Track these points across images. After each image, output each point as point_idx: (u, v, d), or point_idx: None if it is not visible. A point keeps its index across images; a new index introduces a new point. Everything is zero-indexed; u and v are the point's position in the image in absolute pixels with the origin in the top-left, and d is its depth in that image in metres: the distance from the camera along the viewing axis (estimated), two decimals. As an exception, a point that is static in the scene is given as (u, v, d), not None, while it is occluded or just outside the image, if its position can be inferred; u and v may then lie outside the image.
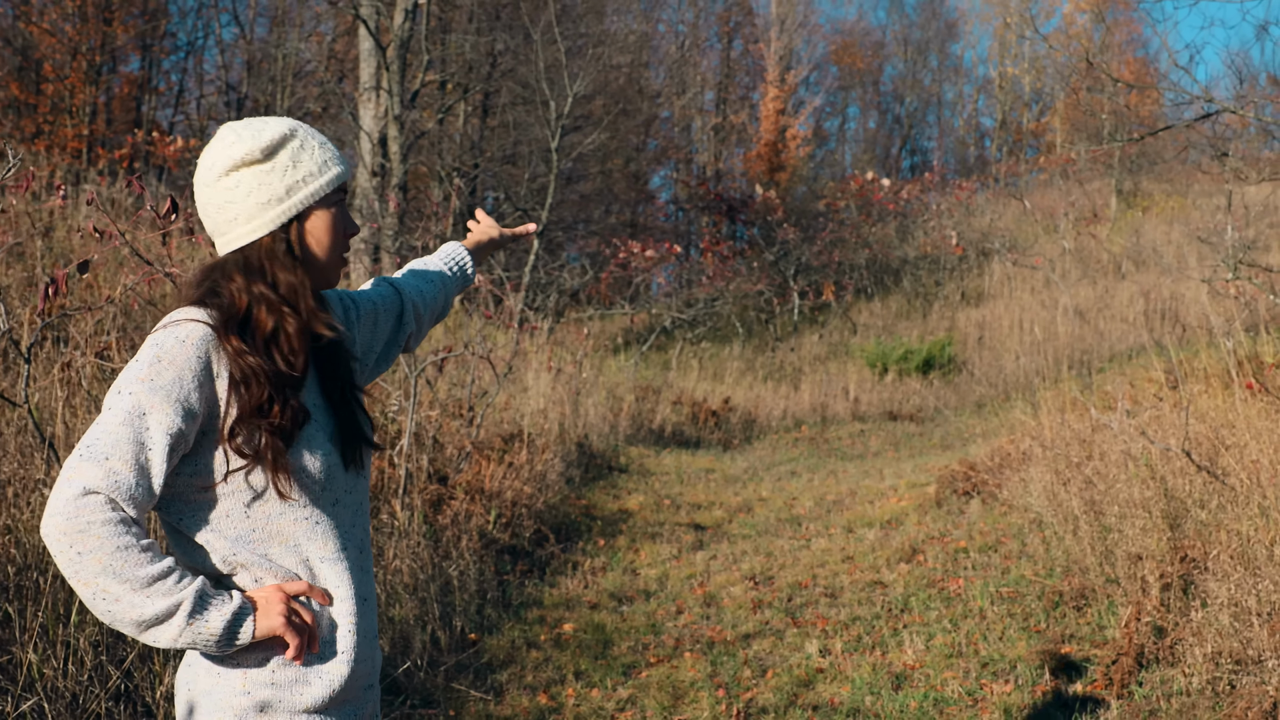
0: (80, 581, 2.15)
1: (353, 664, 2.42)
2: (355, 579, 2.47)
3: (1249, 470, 6.78)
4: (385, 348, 2.95)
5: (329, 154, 2.52)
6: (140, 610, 2.16)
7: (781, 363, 22.93)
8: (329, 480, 2.44)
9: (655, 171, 42.85)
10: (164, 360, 2.25)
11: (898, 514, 10.03)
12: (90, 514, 2.13)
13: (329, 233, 2.50)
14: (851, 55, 51.98)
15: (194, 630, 2.20)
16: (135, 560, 2.15)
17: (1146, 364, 16.78)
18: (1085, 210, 31.51)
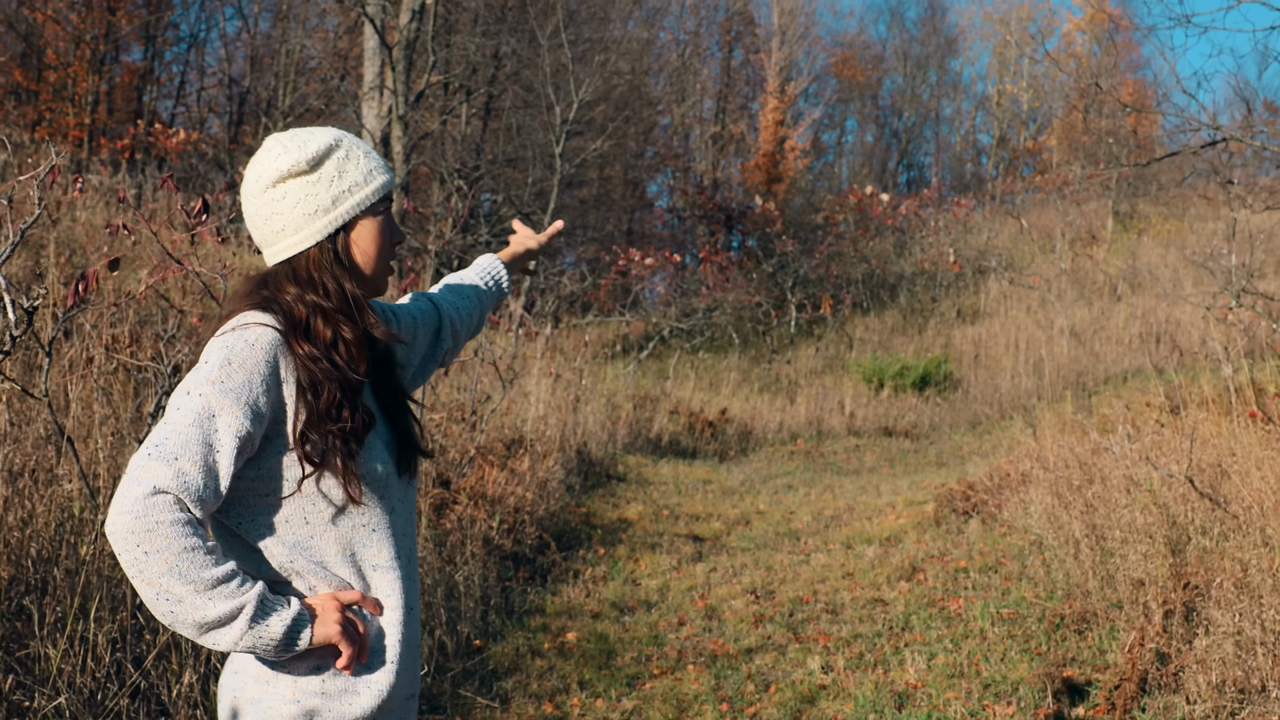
0: (144, 581, 2.15)
1: (398, 673, 2.44)
2: (404, 588, 2.49)
3: (1252, 498, 6.82)
4: (422, 362, 2.97)
5: (374, 163, 2.54)
6: (203, 612, 2.17)
7: (778, 375, 22.96)
8: (387, 487, 2.47)
9: (652, 179, 42.94)
10: (234, 363, 2.27)
11: (896, 531, 10.06)
12: (159, 513, 2.13)
13: (375, 241, 2.53)
14: (851, 68, 52.09)
15: (254, 634, 2.22)
16: (201, 562, 2.16)
17: (1142, 387, 16.85)
18: (1082, 231, 31.59)
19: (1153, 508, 7.23)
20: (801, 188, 43.08)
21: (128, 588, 4.79)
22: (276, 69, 29.26)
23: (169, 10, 31.58)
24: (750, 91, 47.07)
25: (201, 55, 34.14)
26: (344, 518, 2.40)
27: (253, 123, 29.99)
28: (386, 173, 2.56)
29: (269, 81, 29.43)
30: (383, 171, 2.55)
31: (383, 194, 2.53)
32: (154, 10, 30.50)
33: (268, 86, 29.42)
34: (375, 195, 2.52)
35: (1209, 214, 31.24)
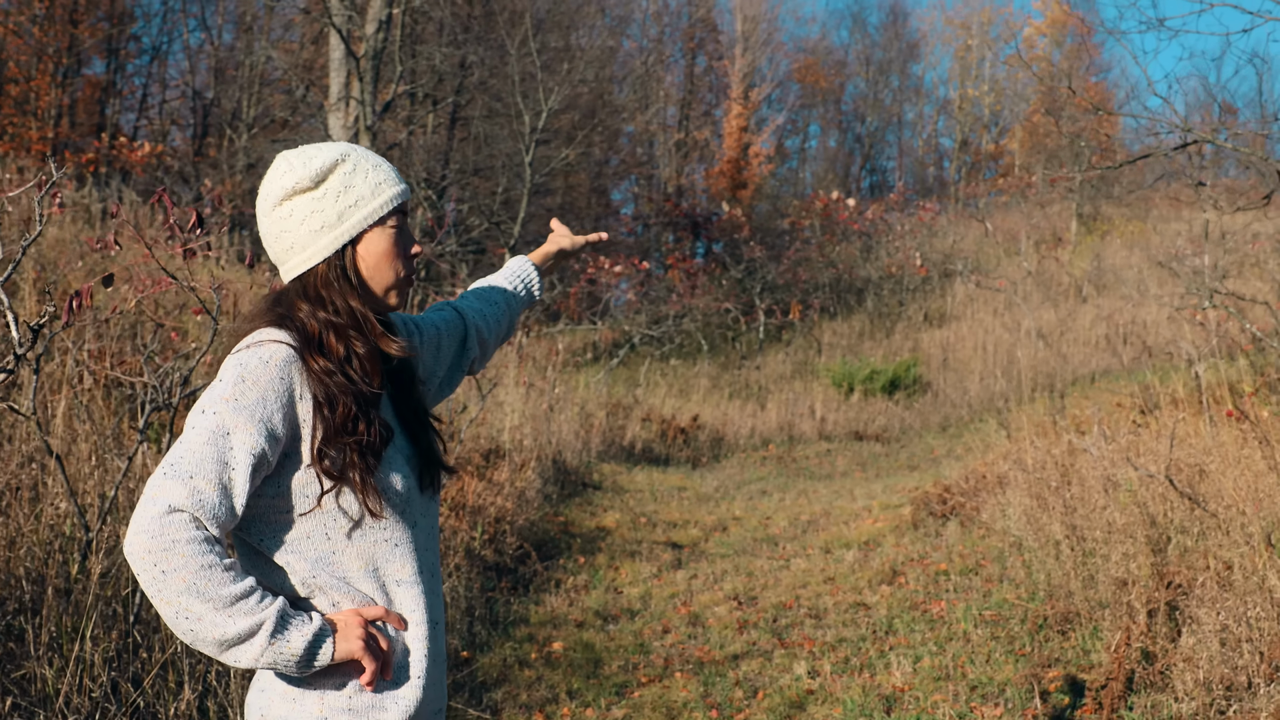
0: (163, 600, 2.15)
1: (425, 689, 2.43)
2: (428, 603, 2.49)
3: (1232, 498, 6.88)
4: (449, 372, 2.96)
5: (383, 176, 2.51)
6: (223, 630, 2.17)
7: (747, 381, 23.01)
8: (408, 502, 2.46)
9: (617, 186, 42.98)
10: (248, 380, 2.27)
11: (874, 535, 10.11)
12: (175, 532, 2.13)
13: (386, 255, 2.49)
14: (814, 74, 52.25)
15: (275, 650, 2.21)
16: (219, 579, 2.15)
17: (1111, 388, 16.97)
18: (1046, 233, 31.79)
19: (1132, 508, 7.29)
20: (766, 193, 43.21)
21: (120, 605, 4.78)
22: (241, 80, 29.15)
23: (131, 23, 31.42)
24: (714, 98, 47.19)
25: (164, 68, 33.99)
26: (365, 533, 2.39)
27: (217, 135, 29.84)
28: (398, 184, 2.53)
29: (233, 93, 29.31)
30: (393, 183, 2.51)
31: (392, 206, 2.50)
32: (116, 23, 30.34)
33: (232, 98, 29.29)
34: (383, 209, 2.48)
35: (1171, 215, 31.47)
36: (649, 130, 42.84)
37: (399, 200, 2.51)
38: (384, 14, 20.09)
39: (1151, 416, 10.01)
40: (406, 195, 2.55)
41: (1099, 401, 14.57)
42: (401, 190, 2.53)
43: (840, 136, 54.94)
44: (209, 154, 28.58)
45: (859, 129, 54.61)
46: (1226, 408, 8.71)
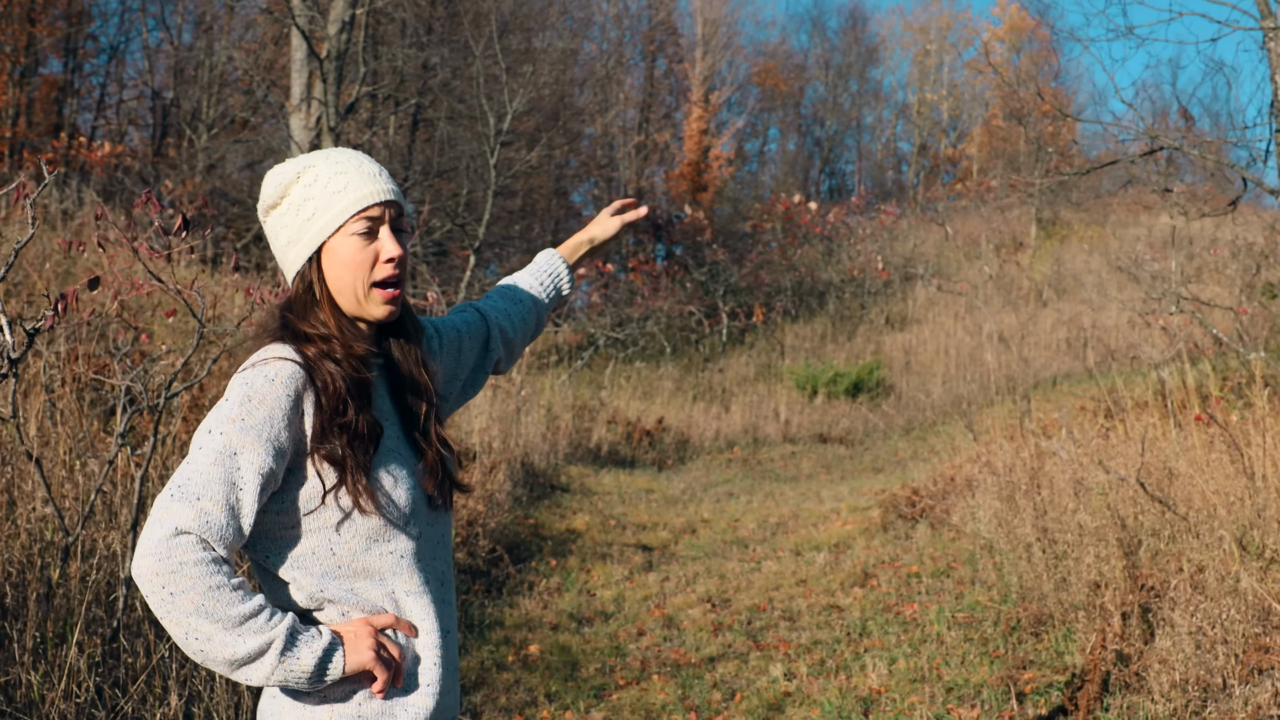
0: (172, 621, 2.16)
1: (437, 697, 2.43)
2: (438, 612, 2.48)
3: (1202, 501, 6.96)
4: (472, 374, 2.95)
5: (345, 183, 2.44)
6: (233, 649, 2.17)
7: (711, 383, 23.05)
8: (413, 514, 2.45)
9: (577, 189, 42.96)
10: (254, 399, 2.27)
11: (844, 538, 10.15)
12: (182, 554, 2.14)
13: (349, 263, 2.44)
14: (774, 77, 52.38)
15: (286, 668, 2.22)
16: (227, 600, 2.16)
17: (1073, 391, 17.09)
18: (1006, 238, 32.00)
19: (1103, 511, 7.36)
20: (727, 196, 43.30)
21: (102, 610, 4.75)
22: (201, 81, 28.96)
23: (89, 22, 31.16)
24: (674, 101, 47.24)
25: (122, 67, 33.72)
26: (370, 547, 2.39)
27: (176, 136, 29.64)
28: (362, 188, 2.44)
29: (193, 94, 29.12)
30: (357, 188, 2.44)
31: (351, 212, 2.43)
32: (74, 22, 30.09)
33: (192, 99, 29.10)
34: (341, 216, 2.43)
35: (1130, 220, 31.76)
36: (609, 133, 42.85)
37: (362, 205, 2.44)
38: (347, 15, 20.02)
39: (1117, 420, 10.10)
40: (377, 199, 2.45)
41: (1062, 405, 14.69)
42: (366, 194, 2.44)
43: (799, 140, 55.15)
44: (168, 154, 28.37)
45: (818, 132, 54.82)
46: (1191, 411, 8.80)
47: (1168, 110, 32.58)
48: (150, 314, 10.04)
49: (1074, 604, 6.85)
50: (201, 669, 4.70)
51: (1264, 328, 14.43)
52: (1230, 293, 18.34)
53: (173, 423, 6.86)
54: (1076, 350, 21.95)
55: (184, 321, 9.75)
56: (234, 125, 28.69)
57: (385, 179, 2.51)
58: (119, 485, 5.81)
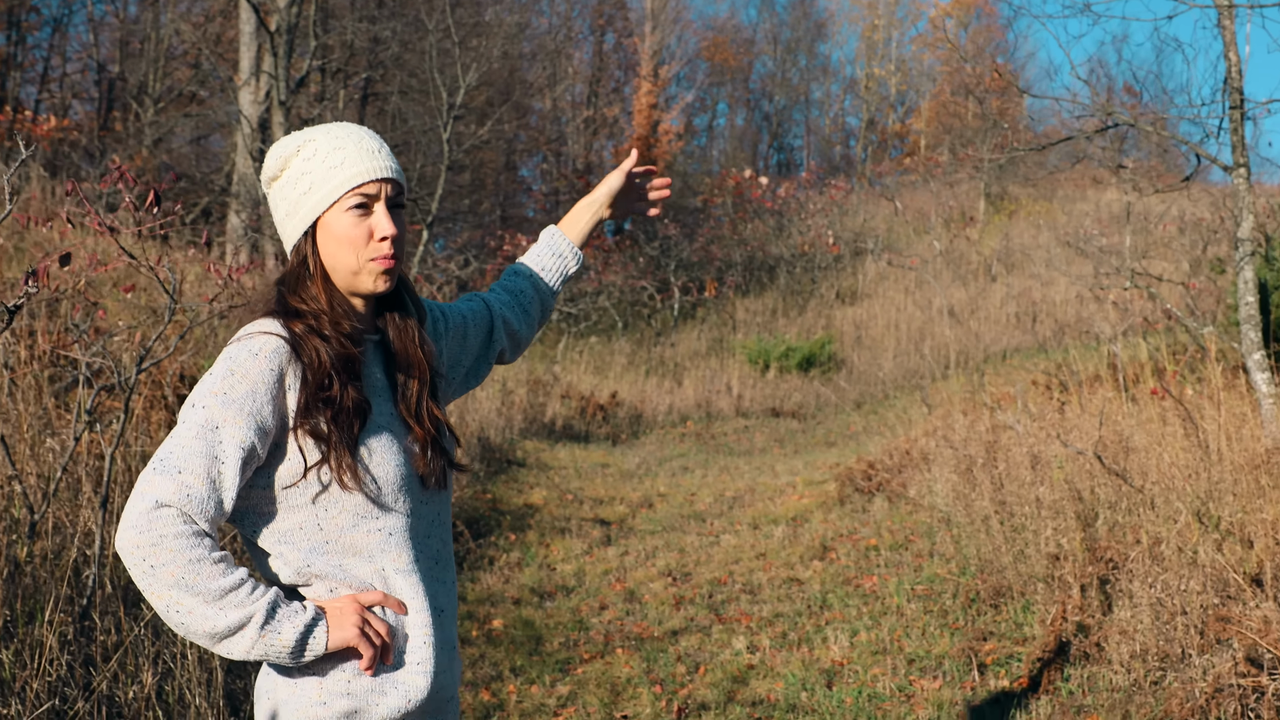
0: (153, 594, 2.16)
1: (430, 675, 2.41)
2: (430, 590, 2.47)
3: (1158, 474, 7.05)
4: (475, 364, 2.93)
5: (342, 158, 2.44)
6: (213, 622, 2.17)
7: (663, 358, 23.09)
8: (403, 492, 2.43)
9: (525, 163, 42.84)
10: (237, 373, 2.26)
11: (801, 511, 10.21)
12: (163, 527, 2.14)
13: (342, 239, 2.42)
14: (722, 52, 52.37)
15: (266, 642, 2.21)
16: (208, 573, 2.16)
17: (1022, 365, 17.25)
18: (955, 213, 32.18)
19: (1061, 484, 7.44)
20: (677, 170, 43.27)
21: (71, 589, 4.73)
22: (147, 54, 28.61)
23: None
24: (623, 75, 47.15)
25: (65, 40, 33.25)
26: (358, 524, 2.37)
27: (122, 109, 29.29)
28: (359, 164, 2.43)
29: (140, 67, 28.76)
30: (354, 164, 2.43)
31: (346, 188, 2.42)
32: (17, -7, 29.65)
33: (138, 72, 28.74)
34: (336, 191, 2.42)
35: (1077, 195, 32.01)
36: (558, 107, 42.74)
37: (357, 181, 2.42)
38: (297, -13, 19.85)
39: (1072, 393, 10.20)
40: (373, 176, 2.44)
41: (1013, 379, 14.82)
42: (362, 171, 2.43)
43: (748, 115, 55.16)
44: (115, 128, 28.04)
45: (767, 107, 54.86)
46: (1143, 385, 8.91)
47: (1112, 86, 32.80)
48: (106, 290, 9.95)
49: (1033, 576, 6.93)
50: (175, 645, 4.68)
51: (1211, 302, 14.61)
52: (1178, 268, 18.55)
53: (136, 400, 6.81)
54: (1025, 325, 22.14)
55: (138, 297, 9.67)
56: (181, 99, 28.38)
57: (385, 156, 2.49)
58: (81, 461, 5.76)
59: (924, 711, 5.70)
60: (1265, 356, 8.25)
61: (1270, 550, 5.64)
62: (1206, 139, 8.85)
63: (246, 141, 20.11)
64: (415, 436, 2.51)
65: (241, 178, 20.01)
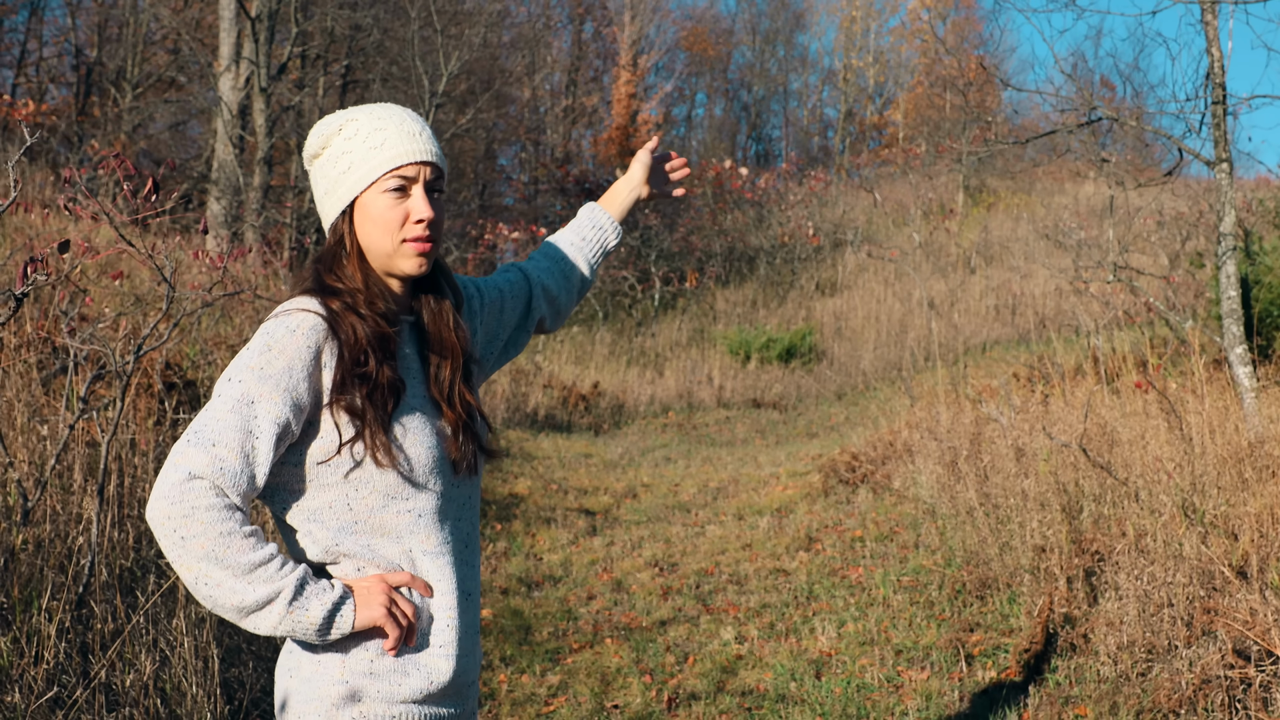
0: (183, 565, 2.17)
1: (453, 658, 2.43)
2: (458, 573, 2.47)
3: (1143, 467, 7.10)
4: (514, 334, 2.94)
5: (383, 139, 2.46)
6: (241, 596, 2.19)
7: (644, 348, 23.10)
8: (434, 474, 2.43)
9: (504, 152, 42.77)
10: (274, 349, 2.28)
11: (786, 502, 10.25)
12: (195, 499, 2.16)
13: (379, 220, 2.44)
14: (701, 42, 52.34)
15: (294, 618, 2.23)
16: (238, 546, 2.17)
17: (1002, 357, 17.33)
18: (934, 205, 32.26)
19: (1046, 476, 7.49)
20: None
21: (65, 576, 4.73)
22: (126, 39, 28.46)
23: (8, -23, 30.51)
24: (602, 64, 47.09)
25: (43, 24, 33.04)
26: (388, 504, 2.38)
27: (100, 95, 29.14)
28: (399, 146, 2.46)
29: (118, 52, 28.61)
30: (394, 145, 2.45)
31: (385, 169, 2.44)
32: (-7, -24, 29.46)
33: (116, 57, 28.59)
34: (375, 172, 2.44)
35: (1055, 189, 32.15)
36: (537, 96, 42.66)
37: (396, 163, 2.44)
38: (278, -27, 19.78)
39: (1054, 385, 10.26)
40: (412, 159, 2.46)
41: (994, 371, 14.91)
42: (401, 153, 2.45)
43: (727, 105, 55.14)
44: (93, 114, 27.89)
45: (745, 98, 54.85)
46: (1126, 379, 8.97)
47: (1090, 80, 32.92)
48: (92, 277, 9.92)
49: (1019, 568, 6.98)
50: (172, 634, 4.69)
51: (1190, 295, 14.71)
52: (1156, 261, 18.65)
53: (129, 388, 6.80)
54: (1005, 317, 22.23)
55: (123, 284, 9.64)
56: (160, 85, 28.25)
57: (426, 139, 2.51)
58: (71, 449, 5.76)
59: (912, 702, 5.75)
60: (1247, 350, 8.32)
61: (1255, 542, 5.70)
62: (1189, 134, 8.91)
63: (226, 128, 20.02)
64: (447, 420, 2.51)
65: (221, 164, 19.93)
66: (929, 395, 12.36)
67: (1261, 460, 6.67)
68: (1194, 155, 8.76)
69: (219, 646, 4.90)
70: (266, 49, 19.54)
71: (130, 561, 5.04)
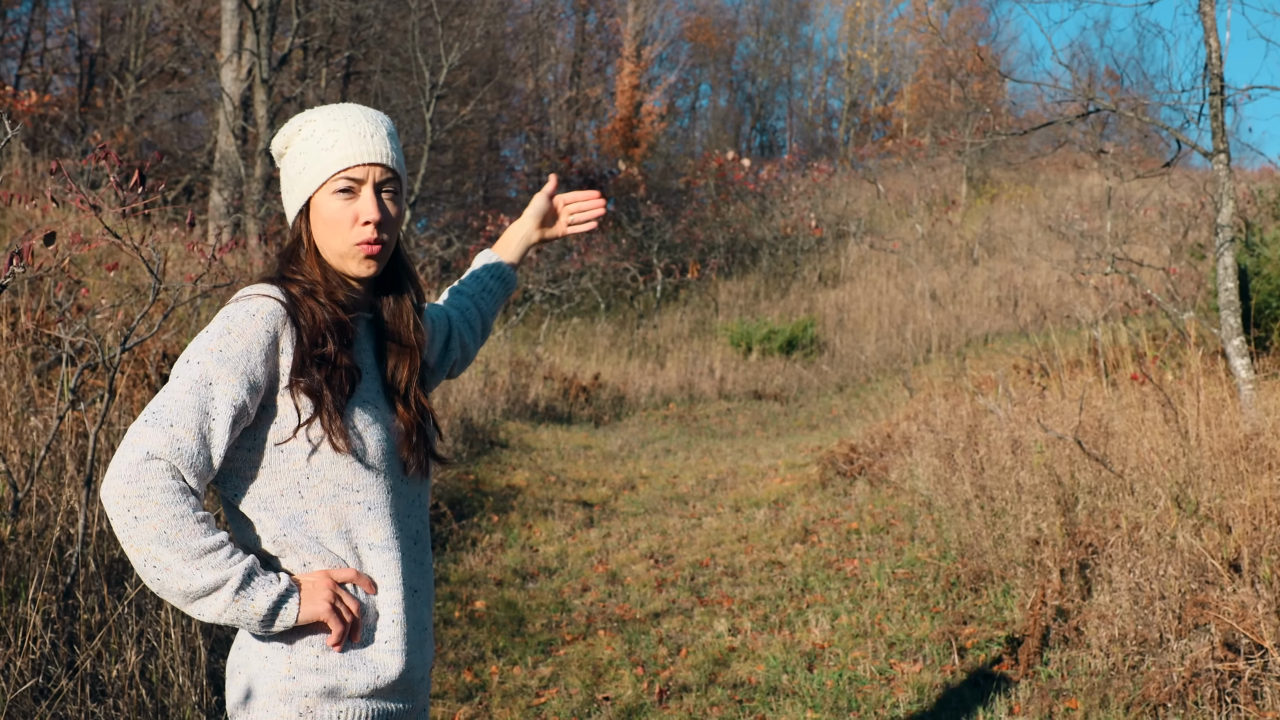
0: (133, 546, 2.17)
1: (400, 654, 2.44)
2: (405, 569, 2.49)
3: (1138, 459, 7.09)
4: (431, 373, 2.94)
5: (336, 139, 2.48)
6: (189, 581, 2.19)
7: (645, 339, 23.09)
8: (386, 466, 2.45)
9: (508, 143, 42.74)
10: (233, 332, 2.30)
11: (783, 494, 10.25)
12: (151, 479, 2.16)
13: (330, 221, 2.47)
14: (705, 33, 52.25)
15: (239, 607, 2.24)
16: (189, 530, 2.18)
17: (1004, 349, 17.30)
18: (937, 196, 32.21)
19: (1041, 468, 7.48)
20: (660, 152, 43.21)
21: (55, 567, 4.73)
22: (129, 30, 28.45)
23: (11, -33, 30.48)
24: (605, 55, 47.03)
25: (46, 15, 33.03)
26: (339, 494, 2.39)
27: (103, 86, 29.13)
28: (351, 147, 2.48)
29: (121, 43, 28.60)
30: (345, 146, 2.47)
31: (334, 170, 2.47)
32: (-4, -33, 29.42)
33: (119, 48, 28.58)
34: (325, 173, 2.47)
35: (1059, 180, 32.08)
36: (541, 87, 42.63)
37: (343, 164, 2.47)
38: (280, -36, 19.76)
39: (1052, 377, 10.25)
40: (359, 160, 2.48)
41: (995, 363, 14.87)
42: (350, 154, 2.48)
43: (731, 96, 55.06)
44: (96, 105, 27.90)
45: (749, 89, 54.77)
46: (1123, 370, 8.96)
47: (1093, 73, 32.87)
48: (90, 268, 9.93)
49: (1013, 560, 6.97)
50: (158, 625, 4.69)
51: (1192, 287, 14.68)
52: (1158, 253, 18.62)
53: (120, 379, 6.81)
54: (1007, 309, 22.19)
55: (119, 275, 9.64)
56: (163, 76, 28.25)
57: (379, 140, 2.53)
58: (64, 440, 5.76)
59: (904, 694, 5.74)
60: (1244, 342, 8.31)
61: (1248, 535, 5.69)
62: (1187, 125, 8.90)
63: (228, 119, 20.03)
64: (401, 419, 2.55)
65: (224, 155, 19.93)
66: (928, 387, 12.35)
67: (1257, 453, 6.66)
68: (1192, 146, 8.74)
69: (207, 637, 4.90)
70: (268, 40, 19.53)
71: (120, 552, 5.04)
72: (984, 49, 26.99)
